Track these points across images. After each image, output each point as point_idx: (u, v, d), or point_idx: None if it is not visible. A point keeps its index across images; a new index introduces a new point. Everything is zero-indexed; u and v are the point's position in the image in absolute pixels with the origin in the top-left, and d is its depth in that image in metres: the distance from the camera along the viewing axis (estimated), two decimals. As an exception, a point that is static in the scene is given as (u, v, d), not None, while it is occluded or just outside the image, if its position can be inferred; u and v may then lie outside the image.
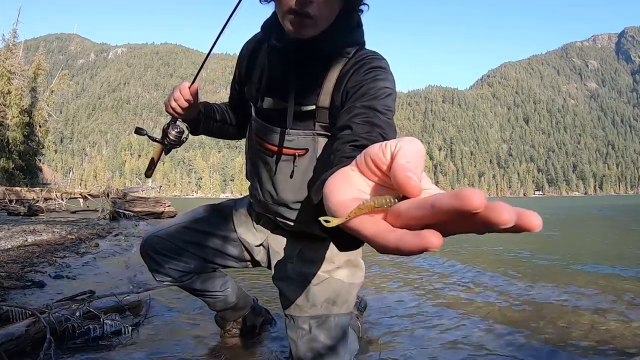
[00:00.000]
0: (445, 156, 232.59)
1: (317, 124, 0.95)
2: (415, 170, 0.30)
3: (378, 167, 0.34)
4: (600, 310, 1.94)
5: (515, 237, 5.57)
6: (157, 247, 1.19)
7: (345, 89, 0.86)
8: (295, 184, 1.00)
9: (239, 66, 1.11)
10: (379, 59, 0.88)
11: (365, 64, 0.86)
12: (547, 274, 2.88)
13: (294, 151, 0.98)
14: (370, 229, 0.30)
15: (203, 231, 1.21)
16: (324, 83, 0.92)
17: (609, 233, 6.58)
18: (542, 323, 1.74)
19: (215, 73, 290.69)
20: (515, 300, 2.14)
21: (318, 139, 0.96)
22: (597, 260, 3.49)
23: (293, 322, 1.08)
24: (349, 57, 0.91)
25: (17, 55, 21.61)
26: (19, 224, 5.59)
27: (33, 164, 21.79)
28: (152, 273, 1.22)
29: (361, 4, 0.89)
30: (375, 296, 2.24)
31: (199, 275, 1.26)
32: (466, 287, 2.47)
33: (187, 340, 1.50)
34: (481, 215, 0.25)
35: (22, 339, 1.26)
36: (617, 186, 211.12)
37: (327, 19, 0.84)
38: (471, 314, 1.89)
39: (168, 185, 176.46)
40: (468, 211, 0.25)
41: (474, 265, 3.27)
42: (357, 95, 0.81)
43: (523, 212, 0.26)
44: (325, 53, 0.90)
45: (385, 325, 1.73)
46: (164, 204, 10.14)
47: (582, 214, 12.97)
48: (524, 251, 4.18)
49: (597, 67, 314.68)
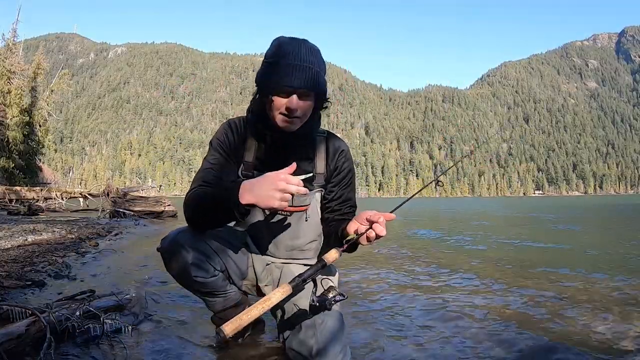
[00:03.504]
0: (445, 155, 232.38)
1: (315, 184, 1.34)
2: (375, 217, 1.07)
3: (366, 219, 1.09)
4: (600, 310, 1.94)
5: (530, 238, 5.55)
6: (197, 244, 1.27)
7: (334, 162, 1.35)
8: (311, 225, 1.37)
9: (231, 148, 1.32)
10: (344, 143, 1.40)
11: (342, 151, 1.37)
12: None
13: (304, 207, 1.33)
14: (362, 238, 1.07)
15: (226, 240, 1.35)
16: (316, 157, 1.35)
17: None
18: (542, 323, 1.75)
19: (215, 73, 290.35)
20: (515, 300, 2.14)
21: (316, 195, 1.36)
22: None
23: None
24: (325, 136, 1.38)
25: (17, 54, 21.58)
26: (19, 224, 5.59)
27: (33, 164, 21.76)
28: (191, 267, 1.25)
29: (325, 104, 1.29)
30: (375, 296, 2.25)
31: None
32: (466, 287, 2.49)
33: (187, 340, 1.51)
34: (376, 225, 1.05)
35: (22, 339, 1.26)
36: (617, 185, 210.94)
37: (306, 116, 1.22)
38: (472, 314, 1.90)
39: (168, 185, 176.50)
40: (374, 221, 1.06)
41: (474, 271, 3.28)
42: (339, 179, 1.36)
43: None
44: (311, 138, 1.32)
45: (386, 325, 1.75)
46: (164, 204, 10.14)
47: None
48: (524, 251, 4.19)
49: (597, 67, 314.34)
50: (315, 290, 1.12)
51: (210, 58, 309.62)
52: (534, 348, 1.47)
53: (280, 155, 1.26)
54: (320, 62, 1.19)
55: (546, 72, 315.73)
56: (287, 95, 1.14)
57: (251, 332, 1.52)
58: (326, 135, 1.37)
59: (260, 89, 1.21)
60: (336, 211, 1.35)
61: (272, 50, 1.18)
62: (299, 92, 1.14)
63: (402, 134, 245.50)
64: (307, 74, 1.13)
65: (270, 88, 1.16)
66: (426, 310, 1.97)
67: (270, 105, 1.17)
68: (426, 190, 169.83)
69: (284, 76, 1.12)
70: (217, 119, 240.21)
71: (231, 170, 1.30)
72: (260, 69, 1.22)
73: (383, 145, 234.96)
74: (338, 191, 1.36)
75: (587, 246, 4.78)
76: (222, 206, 1.11)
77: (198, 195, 1.19)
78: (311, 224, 1.36)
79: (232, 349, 1.44)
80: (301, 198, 1.29)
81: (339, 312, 1.23)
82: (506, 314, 1.90)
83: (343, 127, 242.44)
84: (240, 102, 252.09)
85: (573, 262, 3.53)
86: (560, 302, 2.09)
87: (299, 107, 1.16)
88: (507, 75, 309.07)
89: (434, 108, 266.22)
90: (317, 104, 1.24)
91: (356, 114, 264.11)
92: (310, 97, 1.18)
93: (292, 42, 1.17)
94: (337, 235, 1.23)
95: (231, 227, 1.39)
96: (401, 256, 3.80)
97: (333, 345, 1.14)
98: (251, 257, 1.38)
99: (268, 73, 1.17)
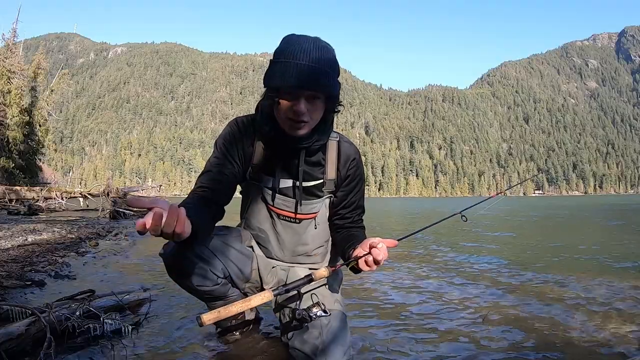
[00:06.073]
0: (445, 155, 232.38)
1: (325, 190, 1.30)
2: (375, 242, 1.06)
3: (368, 246, 1.06)
4: (600, 309, 1.94)
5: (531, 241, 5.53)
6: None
7: (346, 170, 1.30)
8: (320, 232, 1.35)
9: (237, 150, 1.26)
10: (356, 150, 1.35)
11: (353, 159, 1.32)
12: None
13: (314, 215, 1.31)
14: (361, 262, 1.06)
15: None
16: (327, 162, 1.28)
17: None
18: (542, 324, 1.75)
19: (215, 72, 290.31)
20: (516, 301, 2.14)
21: (325, 201, 1.33)
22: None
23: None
24: (337, 140, 1.30)
25: (17, 54, 21.53)
26: (19, 223, 5.58)
27: (33, 164, 21.72)
28: (195, 277, 1.23)
29: (338, 107, 1.20)
30: (375, 296, 2.25)
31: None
32: (465, 288, 2.48)
33: (187, 339, 1.51)
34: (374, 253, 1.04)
35: (22, 338, 1.26)
36: (617, 185, 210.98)
37: (315, 120, 1.14)
38: (471, 314, 1.90)
39: (168, 185, 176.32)
40: (373, 246, 1.05)
41: (475, 274, 3.26)
42: (350, 187, 1.33)
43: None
44: (322, 143, 1.24)
45: (387, 325, 1.75)
46: (164, 203, 10.12)
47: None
48: (526, 253, 4.17)
49: (597, 67, 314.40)
50: (299, 303, 1.13)
51: (210, 58, 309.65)
52: (535, 349, 1.45)
53: (290, 160, 1.23)
54: (332, 62, 1.10)
55: (546, 72, 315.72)
56: (293, 98, 1.07)
57: (250, 331, 1.53)
58: (338, 139, 1.31)
59: (267, 91, 1.15)
60: (347, 218, 1.34)
61: (281, 48, 1.10)
62: (307, 94, 1.07)
63: (402, 133, 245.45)
64: (316, 75, 1.05)
65: (275, 89, 1.09)
66: (426, 309, 1.96)
67: (277, 107, 1.11)
68: (426, 190, 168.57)
69: (292, 77, 1.04)
70: (217, 119, 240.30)
71: (234, 172, 1.25)
72: (268, 68, 1.13)
73: (383, 145, 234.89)
74: (349, 198, 1.33)
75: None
76: None
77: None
78: (320, 230, 1.35)
79: (233, 349, 1.43)
80: (310, 206, 1.29)
81: (344, 314, 1.23)
82: (507, 314, 1.89)
83: (343, 127, 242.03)
84: (240, 102, 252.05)
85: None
86: (563, 302, 2.07)
87: (307, 111, 1.08)
88: (507, 75, 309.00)
89: (434, 108, 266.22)
90: (328, 107, 1.16)
91: (356, 113, 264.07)
92: (320, 100, 1.11)
93: (301, 40, 1.09)
94: (343, 254, 1.25)
95: (236, 230, 1.37)
96: (415, 255, 3.78)
97: (338, 347, 1.14)
98: (256, 259, 1.36)
99: (275, 73, 1.08)
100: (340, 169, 1.29)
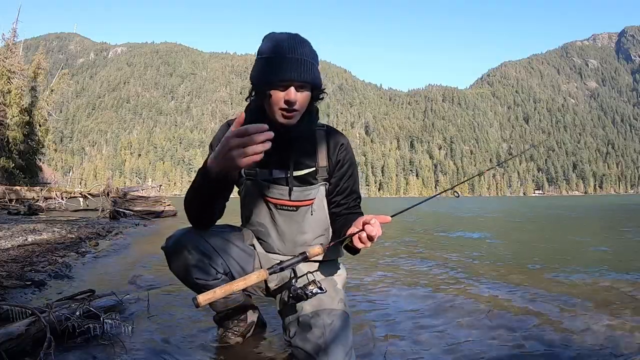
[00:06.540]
0: (445, 155, 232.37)
1: (319, 177, 1.34)
2: (368, 218, 1.06)
3: (361, 223, 1.06)
4: (599, 309, 1.94)
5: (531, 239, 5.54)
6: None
7: (336, 156, 1.35)
8: (318, 219, 1.38)
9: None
10: (344, 136, 1.40)
11: (342, 144, 1.36)
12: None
13: (310, 201, 1.34)
14: (355, 239, 1.06)
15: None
16: (318, 151, 1.34)
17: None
18: (542, 324, 1.75)
19: (215, 72, 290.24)
20: (515, 301, 2.14)
21: (321, 188, 1.36)
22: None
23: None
24: (324, 129, 1.38)
25: (17, 54, 21.53)
26: (19, 223, 5.58)
27: (33, 163, 21.72)
28: (193, 269, 1.26)
29: (322, 95, 1.29)
30: (375, 297, 2.25)
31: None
32: (465, 289, 2.48)
33: (187, 339, 1.51)
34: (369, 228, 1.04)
35: (22, 338, 1.26)
36: (617, 185, 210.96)
37: (303, 108, 1.23)
38: (471, 315, 1.90)
39: (168, 185, 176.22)
40: (366, 223, 1.05)
41: (473, 273, 3.27)
42: (342, 172, 1.36)
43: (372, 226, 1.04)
44: (311, 131, 1.32)
45: (387, 325, 1.75)
46: (164, 203, 10.15)
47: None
48: (526, 254, 4.17)
49: (597, 67, 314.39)
50: (295, 281, 1.17)
51: (210, 58, 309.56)
52: (535, 347, 1.45)
53: (281, 151, 1.27)
54: (313, 54, 1.21)
55: (546, 72, 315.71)
56: (284, 89, 1.15)
57: (252, 333, 1.53)
58: (326, 129, 1.39)
59: (257, 86, 1.21)
60: (342, 205, 1.37)
61: (266, 45, 1.18)
62: (296, 84, 1.16)
63: (402, 133, 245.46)
64: (303, 67, 1.15)
65: (269, 83, 1.16)
66: (425, 308, 1.96)
67: (269, 100, 1.18)
68: (426, 190, 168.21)
69: (282, 70, 1.13)
70: (217, 119, 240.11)
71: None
72: (255, 66, 1.21)
73: (383, 145, 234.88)
74: (342, 184, 1.37)
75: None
76: (199, 182, 1.11)
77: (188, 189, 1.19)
78: (317, 218, 1.38)
79: (234, 349, 1.42)
80: (305, 192, 1.32)
81: (347, 314, 1.24)
82: (507, 314, 1.89)
83: (343, 126, 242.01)
84: (240, 102, 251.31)
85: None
86: (564, 301, 2.07)
87: (297, 100, 1.17)
88: (507, 75, 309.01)
89: (434, 108, 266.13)
90: (313, 96, 1.26)
91: (356, 113, 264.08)
92: (307, 89, 1.19)
93: (285, 36, 1.19)
94: (338, 235, 1.29)
95: (237, 228, 1.40)
96: (416, 253, 3.79)
97: (339, 347, 1.15)
98: (258, 257, 1.38)
99: (264, 69, 1.16)
100: (330, 156, 1.35)
